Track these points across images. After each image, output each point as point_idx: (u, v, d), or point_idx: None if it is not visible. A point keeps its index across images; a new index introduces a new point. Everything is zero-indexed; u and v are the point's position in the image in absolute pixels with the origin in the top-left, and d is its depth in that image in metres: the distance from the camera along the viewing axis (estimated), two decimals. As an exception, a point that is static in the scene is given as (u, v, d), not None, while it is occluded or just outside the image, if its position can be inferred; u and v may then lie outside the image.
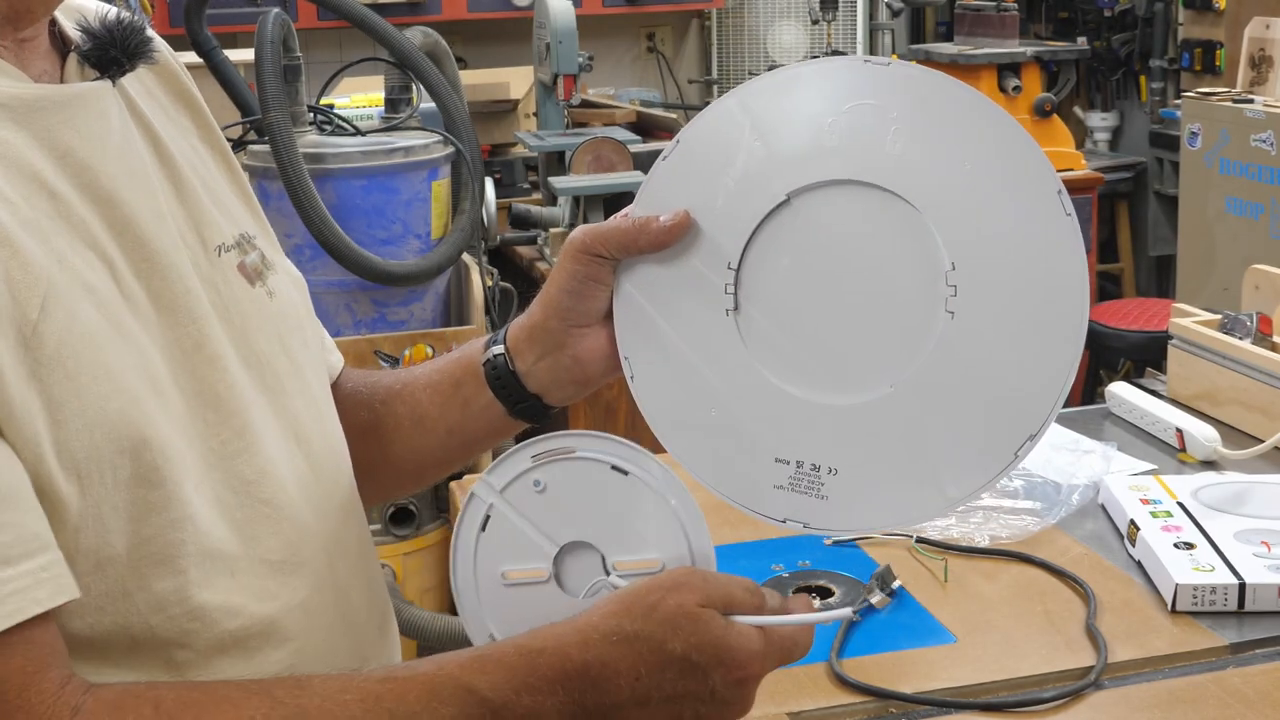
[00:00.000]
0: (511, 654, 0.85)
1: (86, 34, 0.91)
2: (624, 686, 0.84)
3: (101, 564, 0.81)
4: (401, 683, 0.83)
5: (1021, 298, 0.87)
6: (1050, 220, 0.87)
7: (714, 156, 0.95)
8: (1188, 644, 1.21)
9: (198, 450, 0.87)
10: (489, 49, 4.91)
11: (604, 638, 0.84)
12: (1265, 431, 1.62)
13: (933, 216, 0.89)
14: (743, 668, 0.85)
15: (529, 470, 0.91)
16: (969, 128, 0.89)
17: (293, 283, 1.06)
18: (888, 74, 0.91)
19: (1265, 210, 3.80)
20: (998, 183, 0.88)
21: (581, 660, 0.84)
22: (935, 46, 4.33)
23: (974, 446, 0.89)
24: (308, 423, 0.99)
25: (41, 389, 0.78)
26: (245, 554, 0.89)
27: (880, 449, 0.91)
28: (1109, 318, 3.80)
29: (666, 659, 0.84)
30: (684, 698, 0.85)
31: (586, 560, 0.91)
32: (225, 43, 3.03)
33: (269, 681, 0.84)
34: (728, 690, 0.85)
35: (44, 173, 0.83)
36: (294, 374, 0.99)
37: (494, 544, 0.92)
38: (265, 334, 0.97)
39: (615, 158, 3.45)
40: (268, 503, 0.92)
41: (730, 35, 5.22)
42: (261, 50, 2.63)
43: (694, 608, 0.85)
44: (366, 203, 2.80)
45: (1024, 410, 0.88)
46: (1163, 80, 4.86)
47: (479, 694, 0.83)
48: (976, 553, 1.39)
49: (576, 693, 0.83)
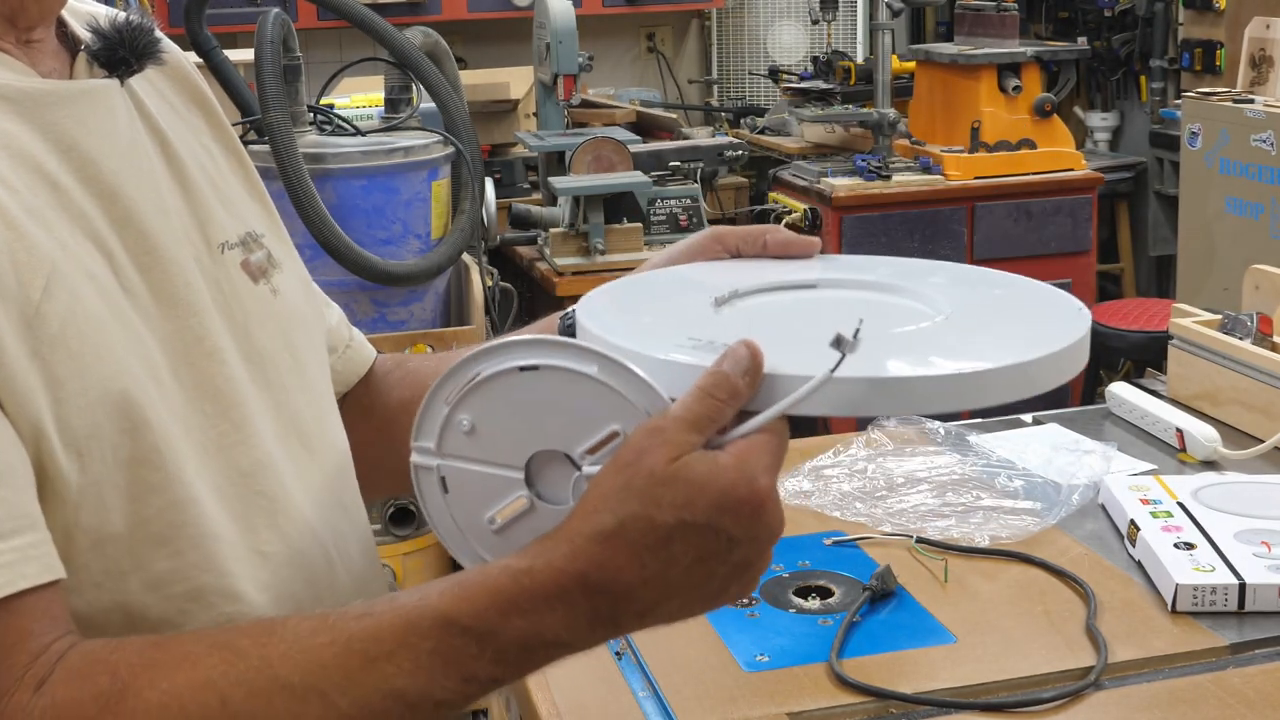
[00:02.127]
0: (497, 575, 0.79)
1: (96, 34, 0.93)
2: (632, 579, 0.78)
3: (101, 542, 0.82)
4: (377, 619, 0.79)
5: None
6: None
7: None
8: (1188, 644, 1.21)
9: (195, 440, 0.88)
10: (489, 49, 4.91)
11: (590, 540, 0.78)
12: (1265, 431, 1.62)
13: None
14: (746, 500, 0.78)
15: (449, 415, 0.86)
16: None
17: (302, 283, 1.07)
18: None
19: (1265, 210, 3.80)
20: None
21: (575, 570, 0.78)
22: (935, 46, 4.33)
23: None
24: (309, 420, 1.00)
25: (43, 367, 0.79)
26: (242, 542, 0.90)
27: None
28: (1109, 318, 3.80)
29: (662, 534, 0.78)
30: (705, 559, 0.79)
31: (556, 466, 0.85)
32: (225, 43, 3.04)
33: (235, 630, 0.81)
34: (744, 528, 0.79)
35: (47, 165, 0.84)
36: (296, 371, 1.00)
37: (464, 500, 0.87)
38: (267, 331, 0.97)
39: (615, 158, 3.46)
40: (263, 494, 0.92)
41: (730, 35, 5.21)
42: (261, 50, 2.63)
43: (665, 468, 0.78)
44: (366, 203, 2.80)
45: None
46: (1163, 80, 4.86)
47: (459, 623, 0.78)
48: (976, 553, 1.39)
49: (581, 603, 0.78)
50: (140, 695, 0.76)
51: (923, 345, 0.88)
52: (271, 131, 2.56)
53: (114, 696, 0.75)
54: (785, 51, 5.03)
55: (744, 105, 4.94)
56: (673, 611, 0.81)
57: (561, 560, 0.78)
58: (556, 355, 0.83)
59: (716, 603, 0.82)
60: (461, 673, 0.78)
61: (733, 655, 1.20)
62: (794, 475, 1.57)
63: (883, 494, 1.53)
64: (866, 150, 4.04)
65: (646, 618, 0.81)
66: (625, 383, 0.83)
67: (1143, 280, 5.01)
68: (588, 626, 0.79)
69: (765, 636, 1.23)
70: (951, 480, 1.56)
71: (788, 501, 1.52)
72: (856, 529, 1.45)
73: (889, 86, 4.04)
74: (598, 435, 0.83)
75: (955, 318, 0.92)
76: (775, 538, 0.81)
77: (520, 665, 0.80)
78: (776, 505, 0.80)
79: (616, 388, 0.83)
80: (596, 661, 1.21)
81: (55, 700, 0.75)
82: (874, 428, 1.70)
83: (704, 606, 0.82)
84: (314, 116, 2.96)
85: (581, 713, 1.14)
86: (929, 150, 4.01)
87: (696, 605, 0.82)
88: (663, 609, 0.80)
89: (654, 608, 0.80)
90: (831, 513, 1.49)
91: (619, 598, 0.79)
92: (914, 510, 1.48)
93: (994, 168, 3.92)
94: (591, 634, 0.80)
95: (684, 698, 1.14)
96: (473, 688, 0.79)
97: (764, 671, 1.18)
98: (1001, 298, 1.00)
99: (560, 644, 0.80)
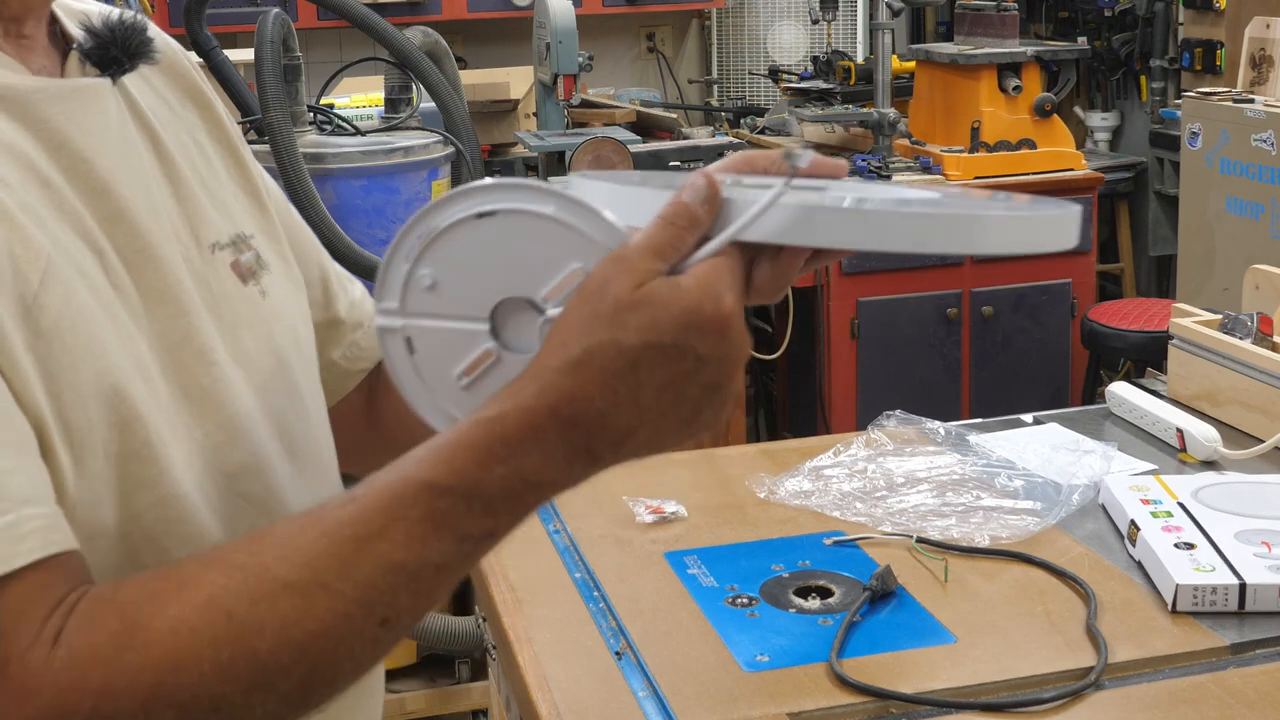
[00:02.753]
0: (470, 429, 0.79)
1: (89, 33, 0.93)
2: (603, 406, 0.78)
3: (93, 537, 0.82)
4: (361, 501, 0.79)
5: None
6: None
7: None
8: (1188, 644, 1.21)
9: (181, 439, 0.88)
10: (489, 49, 4.91)
11: (557, 373, 0.78)
12: (1265, 431, 1.62)
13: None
14: (711, 318, 0.78)
15: (410, 271, 0.85)
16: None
17: (291, 283, 1.06)
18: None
19: (1265, 210, 3.80)
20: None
21: (545, 406, 0.78)
22: (935, 46, 4.33)
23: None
24: (293, 422, 1.00)
25: (38, 360, 0.79)
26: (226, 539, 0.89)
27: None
28: (1109, 318, 3.80)
29: (630, 357, 0.78)
30: (675, 380, 0.79)
31: (520, 313, 0.84)
32: (225, 43, 3.04)
33: (229, 546, 0.81)
34: (710, 346, 0.79)
35: (38, 162, 0.84)
36: (280, 373, 1.00)
37: (431, 359, 0.85)
38: (254, 332, 0.97)
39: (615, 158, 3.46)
40: (245, 496, 0.92)
41: (730, 35, 5.21)
42: (261, 50, 2.63)
43: (628, 293, 0.78)
44: (366, 203, 2.80)
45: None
46: (1163, 80, 4.86)
47: (441, 484, 0.78)
48: (976, 553, 1.39)
49: (555, 438, 0.78)
50: (149, 628, 0.76)
51: (892, 193, 0.88)
52: (271, 131, 2.56)
53: (125, 634, 0.76)
54: (785, 51, 5.03)
55: (744, 105, 4.94)
56: (649, 439, 0.81)
57: (531, 399, 0.79)
58: (513, 198, 0.83)
59: (690, 430, 0.82)
60: (455, 533, 0.79)
61: (733, 655, 1.20)
62: (794, 475, 1.57)
63: (883, 494, 1.53)
64: (866, 150, 4.04)
65: (623, 447, 0.80)
66: (584, 219, 0.82)
67: (1143, 280, 5.01)
68: (566, 461, 0.79)
69: (765, 636, 1.23)
70: (951, 480, 1.56)
71: (788, 501, 1.52)
72: (856, 529, 1.45)
73: (889, 86, 4.04)
74: (559, 275, 0.82)
75: (948, 200, 0.91)
76: (743, 358, 0.82)
77: (511, 512, 0.80)
78: (741, 324, 0.81)
79: (575, 225, 0.82)
80: (596, 661, 1.21)
81: (72, 649, 0.75)
82: (874, 428, 1.70)
83: (678, 434, 0.82)
84: (314, 116, 2.96)
85: (581, 713, 1.14)
86: (929, 150, 4.01)
87: (670, 433, 0.81)
88: (638, 437, 0.80)
89: (628, 435, 0.80)
90: (831, 513, 1.49)
91: (592, 426, 0.79)
92: (914, 510, 1.48)
93: (994, 168, 3.92)
94: (571, 469, 0.80)
95: (684, 698, 1.14)
96: (469, 545, 0.80)
97: (764, 671, 1.18)
98: (1003, 198, 1.00)
99: (544, 483, 0.80)
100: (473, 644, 2.92)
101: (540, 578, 1.37)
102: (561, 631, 1.27)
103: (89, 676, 0.75)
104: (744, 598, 1.30)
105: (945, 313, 3.82)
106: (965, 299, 3.82)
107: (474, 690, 3.01)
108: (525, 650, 1.23)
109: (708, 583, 1.33)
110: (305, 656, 0.77)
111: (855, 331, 3.75)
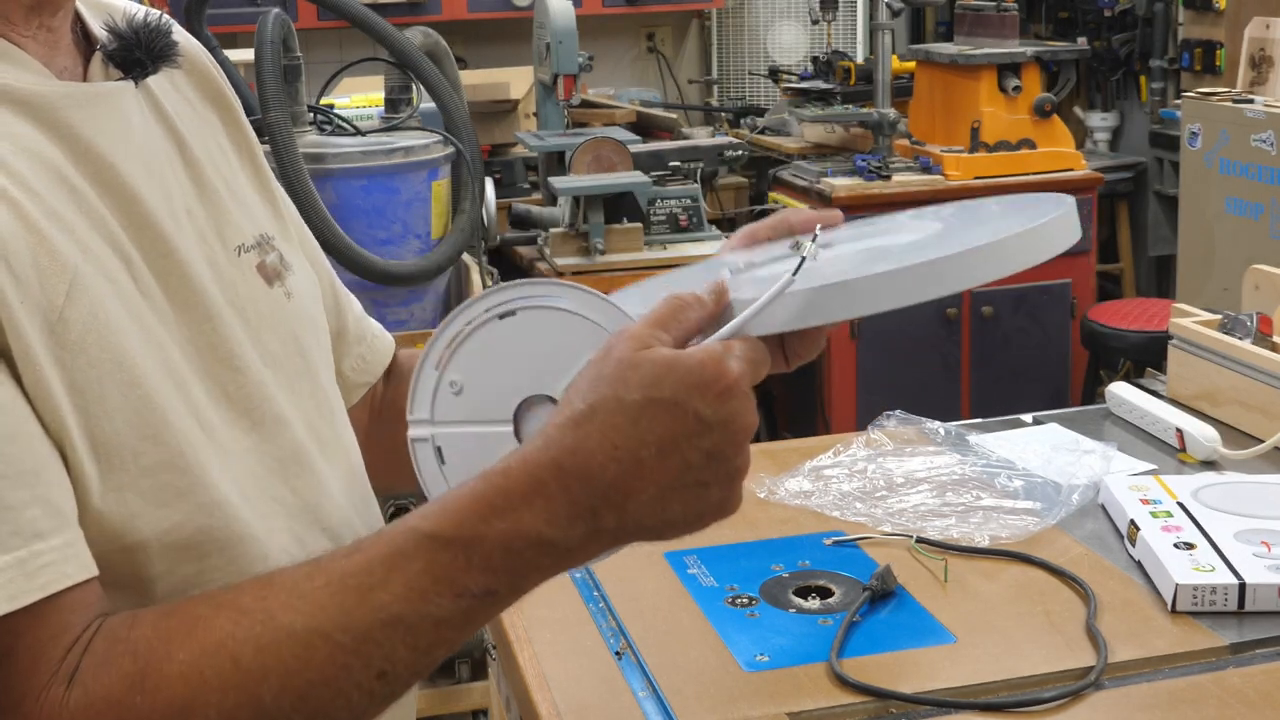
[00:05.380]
0: (474, 484, 0.81)
1: (113, 34, 0.92)
2: (605, 462, 0.79)
3: (127, 549, 0.82)
4: (366, 552, 0.80)
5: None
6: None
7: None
8: (1188, 644, 1.21)
9: (217, 444, 0.88)
10: (489, 49, 4.91)
11: (561, 428, 0.80)
12: (1265, 431, 1.62)
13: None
14: (714, 380, 0.80)
15: (439, 379, 0.87)
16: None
17: (310, 283, 1.07)
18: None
19: (1265, 210, 3.80)
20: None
21: (549, 458, 0.79)
22: (935, 46, 4.33)
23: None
24: (319, 423, 1.00)
25: (65, 374, 0.79)
26: (273, 543, 0.90)
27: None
28: (1109, 318, 3.80)
29: (631, 412, 0.79)
30: (676, 440, 0.80)
31: (540, 409, 0.87)
32: (225, 43, 3.04)
33: (237, 589, 0.81)
34: (714, 410, 0.80)
35: (64, 169, 0.84)
36: (307, 375, 1.00)
37: (460, 465, 0.88)
38: (280, 334, 0.98)
39: (615, 158, 3.46)
40: (283, 498, 0.93)
41: (730, 35, 5.21)
42: (261, 50, 2.63)
43: (632, 355, 0.80)
44: (366, 203, 2.80)
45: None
46: (1163, 80, 4.86)
47: (442, 537, 0.79)
48: (976, 553, 1.39)
49: (557, 492, 0.79)
50: (161, 670, 0.77)
51: (890, 249, 0.90)
52: (271, 131, 2.56)
53: (137, 675, 0.77)
54: (785, 51, 5.03)
55: (744, 105, 4.94)
56: (652, 505, 0.81)
57: (535, 452, 0.80)
58: (530, 294, 0.86)
59: (698, 504, 0.82)
60: (453, 588, 0.79)
61: (733, 655, 1.20)
62: (794, 475, 1.57)
63: (883, 494, 1.53)
64: (866, 150, 4.04)
65: (626, 511, 0.81)
66: (598, 310, 0.85)
67: (1143, 280, 5.01)
68: (567, 519, 0.80)
69: (765, 636, 1.23)
70: (951, 480, 1.56)
71: (788, 501, 1.52)
72: (856, 529, 1.45)
73: (889, 86, 4.04)
74: (576, 367, 0.84)
75: (946, 229, 0.93)
76: (749, 429, 0.82)
77: (511, 570, 0.81)
78: (747, 393, 0.81)
79: (590, 316, 0.85)
80: (596, 661, 1.21)
81: (87, 690, 0.76)
82: (874, 428, 1.70)
83: (684, 506, 0.82)
84: (314, 116, 2.96)
85: (581, 713, 1.14)
86: (929, 150, 4.02)
87: (675, 503, 0.81)
88: (641, 499, 0.80)
89: (630, 496, 0.80)
90: (831, 513, 1.49)
91: (593, 480, 0.79)
92: (914, 510, 1.48)
93: (994, 168, 3.92)
94: (572, 526, 0.80)
95: (684, 698, 1.14)
96: (467, 601, 0.80)
97: (764, 671, 1.18)
98: (996, 211, 1.01)
99: (544, 542, 0.80)
100: (473, 644, 2.92)
101: (540, 578, 1.37)
102: (561, 631, 1.27)
103: (103, 719, 0.76)
104: (744, 598, 1.30)
105: (945, 313, 3.82)
106: (965, 299, 3.82)
107: (474, 690, 3.01)
108: (525, 650, 1.23)
109: (708, 582, 1.33)
110: (305, 705, 0.78)
111: (855, 331, 3.76)
